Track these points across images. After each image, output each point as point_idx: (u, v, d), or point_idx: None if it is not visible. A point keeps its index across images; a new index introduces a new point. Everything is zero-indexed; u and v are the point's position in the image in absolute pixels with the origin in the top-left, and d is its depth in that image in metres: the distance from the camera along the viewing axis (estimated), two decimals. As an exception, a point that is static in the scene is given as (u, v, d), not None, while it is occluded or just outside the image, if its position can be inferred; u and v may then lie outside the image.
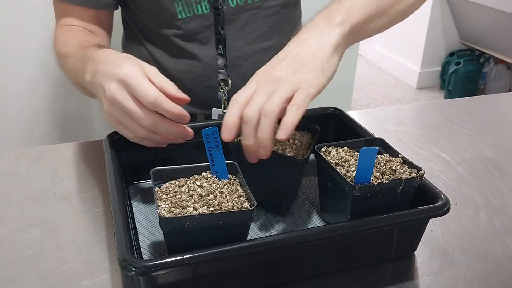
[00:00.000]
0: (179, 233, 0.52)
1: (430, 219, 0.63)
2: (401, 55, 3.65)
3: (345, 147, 0.66)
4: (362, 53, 3.89)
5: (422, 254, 0.65)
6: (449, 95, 3.34)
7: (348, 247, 0.60)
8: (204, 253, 0.50)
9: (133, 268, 0.48)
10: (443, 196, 0.60)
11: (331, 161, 0.62)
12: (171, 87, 0.61)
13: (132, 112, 0.60)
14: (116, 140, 0.71)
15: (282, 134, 0.56)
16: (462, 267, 0.63)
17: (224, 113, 0.93)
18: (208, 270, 0.54)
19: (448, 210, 0.59)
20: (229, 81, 0.92)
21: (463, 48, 3.41)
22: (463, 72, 3.26)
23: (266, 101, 0.57)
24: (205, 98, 0.94)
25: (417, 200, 0.61)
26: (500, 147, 0.93)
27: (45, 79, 1.77)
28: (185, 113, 0.61)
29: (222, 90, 0.92)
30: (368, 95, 3.43)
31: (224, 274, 0.55)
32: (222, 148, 0.58)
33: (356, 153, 0.65)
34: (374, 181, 0.58)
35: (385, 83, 3.63)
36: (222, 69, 0.92)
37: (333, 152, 0.65)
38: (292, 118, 0.57)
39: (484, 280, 0.61)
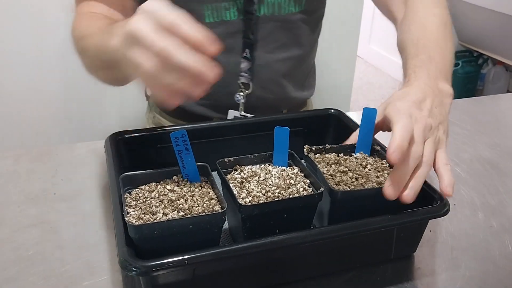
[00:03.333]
0: (149, 239, 0.52)
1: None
2: (400, 56, 3.65)
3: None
4: (360, 54, 3.90)
5: (420, 254, 0.65)
6: (448, 96, 3.34)
7: (347, 247, 0.60)
8: (204, 253, 0.50)
9: (133, 268, 0.48)
10: (442, 197, 0.60)
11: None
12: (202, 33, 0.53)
13: (146, 36, 0.52)
14: (117, 141, 0.71)
15: (451, 191, 0.59)
16: (460, 267, 0.63)
17: (242, 115, 0.92)
18: (208, 270, 0.54)
19: (448, 211, 0.59)
20: (250, 85, 0.92)
21: (462, 50, 3.41)
22: (461, 73, 3.27)
23: (425, 151, 0.59)
24: (222, 102, 0.94)
25: (417, 201, 0.61)
26: (498, 147, 0.94)
27: (46, 80, 1.77)
28: (209, 39, 0.52)
29: (242, 94, 0.92)
30: (366, 96, 3.44)
31: (224, 275, 0.55)
32: (192, 150, 0.58)
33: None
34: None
35: (384, 84, 3.64)
36: (245, 72, 0.92)
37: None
38: (451, 177, 0.60)
39: (483, 280, 0.61)
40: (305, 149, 0.67)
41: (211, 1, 0.84)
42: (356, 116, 1.07)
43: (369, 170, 0.64)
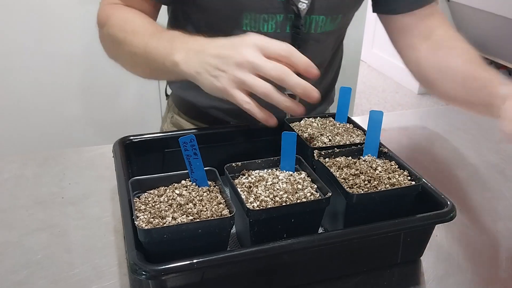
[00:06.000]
0: (158, 243, 0.52)
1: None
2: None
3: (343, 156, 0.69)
4: (363, 58, 3.91)
5: (427, 259, 0.65)
6: (451, 100, 3.34)
7: (354, 252, 0.61)
8: (213, 257, 0.51)
9: (143, 272, 0.49)
10: (449, 203, 0.60)
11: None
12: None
13: (261, 65, 0.61)
14: (125, 145, 0.72)
15: None
16: (467, 272, 0.63)
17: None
18: (216, 274, 0.54)
19: (454, 216, 0.59)
20: (297, 98, 0.91)
21: (465, 54, 3.41)
22: (464, 77, 3.27)
23: None
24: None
25: (423, 205, 0.62)
26: (504, 152, 0.94)
27: (52, 85, 1.78)
28: (313, 66, 0.63)
29: None
30: (369, 100, 3.44)
31: (232, 278, 0.56)
32: (200, 155, 0.59)
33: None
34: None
35: (387, 88, 3.64)
36: None
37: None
38: None
39: (489, 285, 0.61)
40: (315, 154, 0.67)
41: (251, 10, 0.83)
42: (359, 120, 1.07)
43: (380, 172, 0.64)
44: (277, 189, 0.60)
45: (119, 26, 0.78)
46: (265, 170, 0.65)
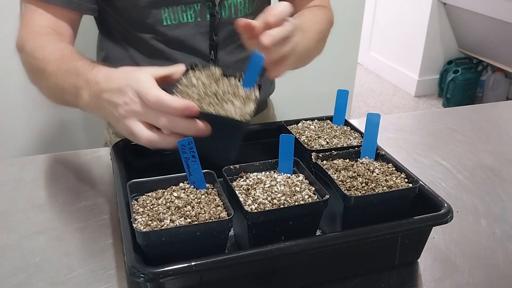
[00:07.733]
0: (156, 246, 0.53)
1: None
2: (400, 63, 3.67)
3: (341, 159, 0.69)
4: (360, 61, 3.92)
5: (424, 261, 0.65)
6: (448, 103, 3.36)
7: (352, 254, 0.61)
8: (211, 260, 0.51)
9: (141, 275, 0.49)
10: (446, 204, 0.61)
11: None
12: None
13: (146, 116, 0.60)
14: (123, 148, 0.72)
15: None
16: (464, 273, 0.64)
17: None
18: (214, 276, 0.54)
19: (451, 218, 0.60)
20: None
21: (461, 56, 3.43)
22: (461, 80, 3.28)
23: None
24: None
25: (420, 208, 0.62)
26: (500, 154, 0.95)
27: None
28: (191, 104, 0.59)
29: None
30: (367, 102, 3.45)
31: (231, 281, 0.56)
32: (198, 158, 0.59)
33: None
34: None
35: (384, 91, 3.65)
36: None
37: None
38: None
39: (486, 287, 0.62)
40: (313, 156, 0.67)
41: (168, 4, 0.85)
42: (356, 123, 1.07)
43: (377, 174, 0.64)
44: (275, 191, 0.60)
45: (32, 53, 0.80)
46: (263, 172, 0.65)
